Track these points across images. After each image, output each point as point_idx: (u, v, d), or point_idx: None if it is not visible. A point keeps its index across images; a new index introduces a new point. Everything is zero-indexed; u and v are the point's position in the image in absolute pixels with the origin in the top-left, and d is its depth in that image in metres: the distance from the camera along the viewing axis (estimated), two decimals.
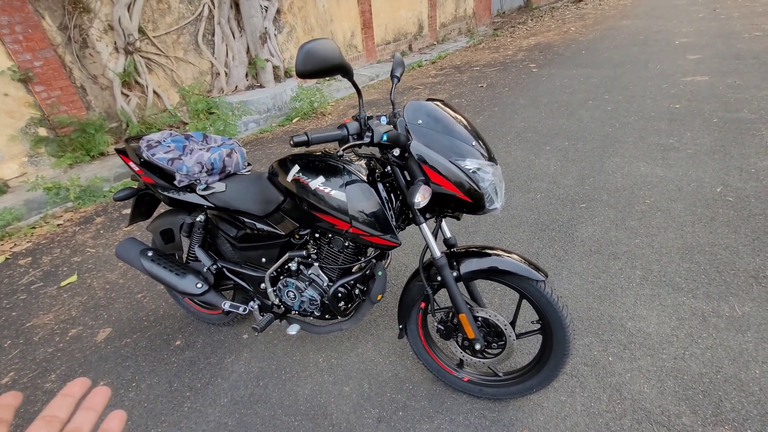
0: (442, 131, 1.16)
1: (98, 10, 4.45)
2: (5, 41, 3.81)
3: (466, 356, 1.44)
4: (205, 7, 5.38)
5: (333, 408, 1.57)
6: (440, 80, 6.65)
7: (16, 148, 4.05)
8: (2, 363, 1.96)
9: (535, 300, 1.28)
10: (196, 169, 1.47)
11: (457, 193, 1.15)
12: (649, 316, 1.78)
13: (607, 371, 1.57)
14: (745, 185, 2.62)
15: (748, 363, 1.53)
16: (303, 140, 1.07)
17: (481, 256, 1.31)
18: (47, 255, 2.89)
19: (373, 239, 1.29)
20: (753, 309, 1.75)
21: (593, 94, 4.86)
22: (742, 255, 2.06)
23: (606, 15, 11.03)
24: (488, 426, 1.44)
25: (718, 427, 1.34)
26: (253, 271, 1.61)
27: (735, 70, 4.91)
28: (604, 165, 3.14)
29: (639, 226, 2.38)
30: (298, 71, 0.94)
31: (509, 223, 2.60)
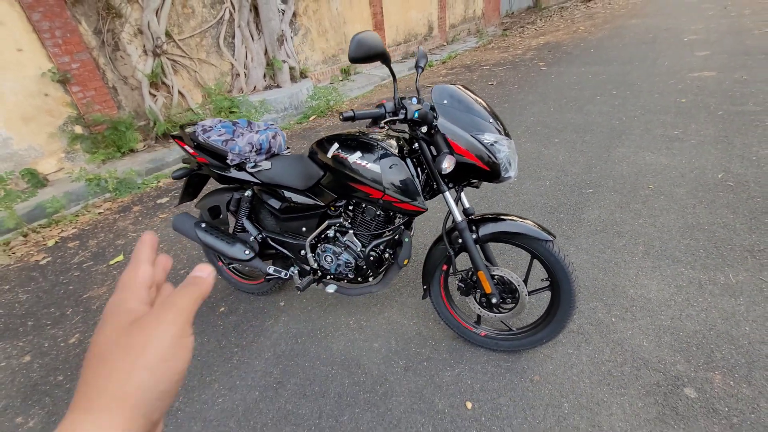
0: (464, 110, 1.37)
1: (129, 15, 4.74)
2: (47, 45, 4.10)
3: (483, 312, 1.63)
4: (226, 11, 5.66)
5: (365, 360, 1.77)
6: (451, 79, 6.84)
7: (54, 144, 4.34)
8: (68, 326, 2.21)
9: (545, 258, 1.47)
10: (247, 149, 1.69)
11: (477, 162, 1.35)
12: (649, 285, 1.96)
13: (610, 329, 1.75)
14: (746, 171, 2.77)
15: (739, 322, 1.70)
16: (350, 115, 1.29)
17: (497, 221, 1.50)
18: (93, 239, 3.15)
19: (403, 206, 1.49)
20: (746, 278, 1.91)
21: (601, 90, 5.01)
22: (739, 232, 2.22)
23: (615, 14, 11.11)
24: (503, 373, 1.63)
25: (709, 372, 1.52)
26: (294, 240, 1.82)
27: (743, 65, 5.02)
28: (610, 155, 3.31)
29: (642, 208, 2.55)
30: (350, 57, 1.16)
31: (521, 207, 2.78)
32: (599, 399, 1.48)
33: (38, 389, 1.84)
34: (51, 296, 2.48)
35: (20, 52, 3.90)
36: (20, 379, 1.91)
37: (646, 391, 1.49)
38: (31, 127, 4.07)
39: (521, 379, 1.60)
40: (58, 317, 2.29)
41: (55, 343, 2.10)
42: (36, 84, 4.04)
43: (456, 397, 1.57)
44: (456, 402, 1.55)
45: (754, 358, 1.54)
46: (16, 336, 2.19)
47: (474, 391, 1.58)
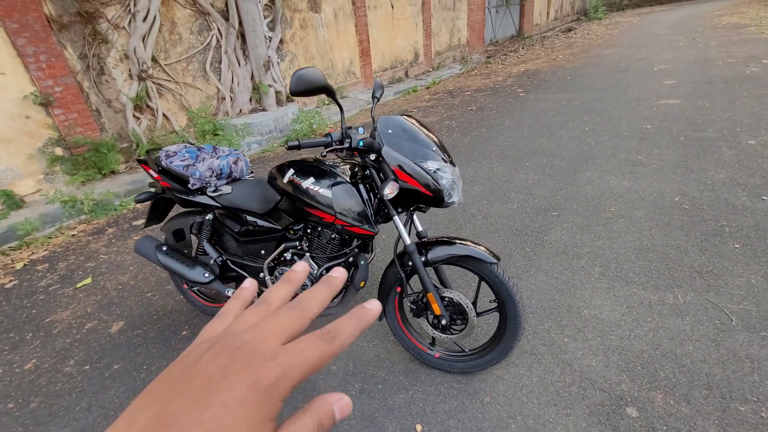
0: (409, 139, 1.44)
1: (115, 40, 4.86)
2: (30, 69, 4.17)
3: (436, 333, 1.66)
4: (213, 38, 5.82)
5: (321, 383, 1.78)
6: (433, 104, 7.06)
7: (33, 166, 4.35)
8: (25, 352, 2.18)
9: (490, 280, 1.52)
10: (207, 174, 1.75)
11: (420, 188, 1.42)
12: (603, 305, 2.01)
13: (561, 350, 1.79)
14: (700, 195, 2.89)
15: (683, 341, 1.75)
16: (295, 144, 1.35)
17: (445, 245, 1.56)
18: (63, 261, 3.13)
19: (354, 229, 1.55)
20: (693, 298, 1.98)
21: (573, 116, 5.21)
22: (691, 254, 2.30)
23: (593, 44, 11.64)
24: (455, 395, 1.65)
25: (651, 391, 1.56)
26: (253, 263, 1.85)
27: (706, 94, 5.28)
28: (576, 178, 3.43)
29: (602, 231, 2.64)
30: (291, 91, 1.23)
31: (487, 229, 2.85)
32: (545, 420, 1.51)
33: None
34: (12, 320, 2.45)
35: (2, 76, 3.96)
36: None
37: (590, 410, 1.52)
38: (10, 148, 4.09)
39: (472, 401, 1.62)
40: (17, 342, 2.26)
41: (11, 368, 2.07)
42: (17, 107, 4.09)
43: (407, 419, 1.58)
44: (406, 425, 1.56)
45: (695, 377, 1.59)
46: None
47: (425, 413, 1.60)
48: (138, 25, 4.90)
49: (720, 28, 10.68)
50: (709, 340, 1.74)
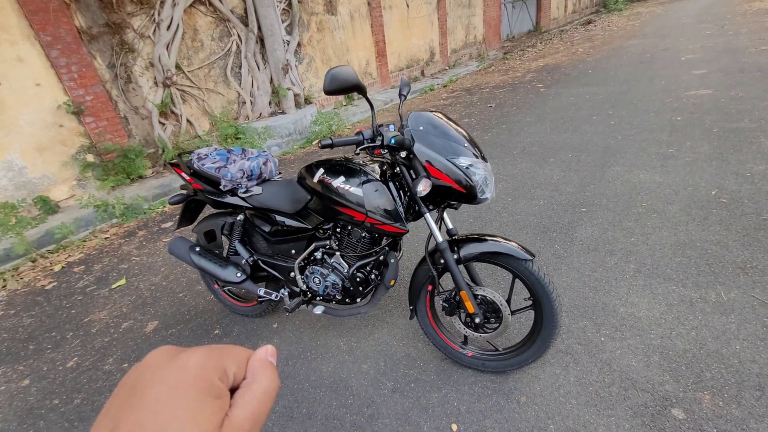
0: (440, 135, 1.43)
1: (141, 49, 5.01)
2: (63, 79, 4.34)
3: (468, 332, 1.64)
4: (233, 43, 5.94)
5: (353, 382, 1.78)
6: (451, 102, 7.00)
7: (67, 172, 4.53)
8: (67, 350, 2.26)
9: (525, 278, 1.49)
10: (238, 175, 1.77)
11: (453, 185, 1.40)
12: (640, 303, 1.95)
13: (599, 349, 1.74)
14: (739, 188, 2.77)
15: (729, 340, 1.68)
16: (328, 143, 1.36)
17: (478, 242, 1.54)
18: (98, 263, 3.24)
19: (385, 227, 1.54)
20: (738, 295, 1.89)
21: (597, 110, 5.08)
22: (732, 249, 2.20)
23: (614, 36, 11.33)
24: (490, 394, 1.62)
25: (698, 392, 1.49)
26: (284, 262, 1.87)
27: (738, 83, 5.06)
28: (604, 174, 3.33)
29: (635, 227, 2.55)
30: (325, 90, 1.24)
31: (514, 226, 2.80)
32: (586, 420, 1.46)
33: (34, 413, 1.88)
34: (53, 320, 2.55)
35: (38, 87, 4.13)
36: (17, 402, 1.96)
37: (633, 412, 1.47)
38: (46, 156, 4.27)
39: (507, 401, 1.59)
40: (58, 341, 2.35)
41: (54, 366, 2.15)
42: (52, 116, 4.26)
43: (442, 419, 1.56)
44: (441, 424, 1.54)
45: (744, 377, 1.51)
46: (17, 360, 2.25)
47: (460, 412, 1.57)
48: (162, 34, 5.04)
49: (750, 14, 10.22)
50: (758, 339, 1.66)
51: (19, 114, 4.03)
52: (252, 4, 5.83)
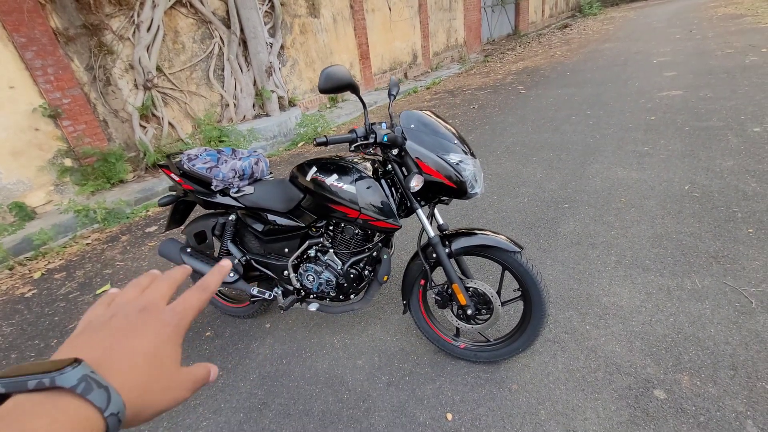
0: (430, 133, 1.47)
1: (120, 51, 4.91)
2: (38, 82, 4.21)
3: (460, 324, 1.69)
4: (215, 46, 5.88)
5: (348, 377, 1.80)
6: (435, 104, 7.10)
7: (44, 177, 4.39)
8: None
9: (514, 269, 1.55)
10: (230, 175, 1.78)
11: (444, 180, 1.45)
12: (621, 293, 2.04)
13: (584, 337, 1.81)
14: (710, 183, 2.92)
15: (704, 325, 1.78)
16: (323, 141, 1.39)
17: (468, 236, 1.59)
18: (80, 269, 3.16)
19: (378, 223, 1.57)
20: (711, 282, 2.00)
21: (576, 110, 5.25)
22: (705, 240, 2.33)
23: (590, 39, 11.70)
24: (483, 384, 1.67)
25: (677, 374, 1.58)
26: (277, 261, 1.88)
27: (707, 84, 5.32)
28: (585, 171, 3.46)
29: (615, 221, 2.66)
30: (320, 88, 1.27)
31: (500, 223, 2.88)
32: (574, 404, 1.53)
33: None
34: (35, 328, 2.48)
35: (12, 89, 4.00)
36: None
37: (618, 394, 1.54)
38: (21, 161, 4.13)
39: (500, 389, 1.64)
40: (42, 348, 2.29)
41: None
42: (27, 119, 4.13)
43: (437, 409, 1.60)
44: (437, 414, 1.58)
45: (719, 358, 1.61)
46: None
47: (454, 402, 1.62)
48: (142, 36, 4.96)
49: (716, 19, 10.73)
50: (731, 323, 1.76)
51: None
52: (234, 6, 5.79)
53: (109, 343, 0.31)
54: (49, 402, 0.25)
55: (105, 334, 0.32)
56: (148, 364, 0.31)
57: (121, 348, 0.31)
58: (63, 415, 0.25)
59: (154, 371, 0.31)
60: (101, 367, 0.29)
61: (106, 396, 0.27)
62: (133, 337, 0.32)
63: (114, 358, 0.30)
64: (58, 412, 0.25)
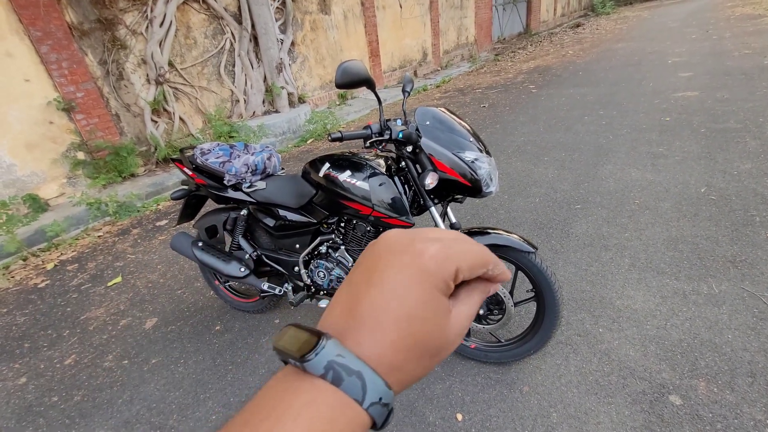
0: (445, 130, 1.46)
1: (133, 46, 4.95)
2: (53, 75, 4.26)
3: (472, 324, 1.67)
4: (227, 41, 5.90)
5: None
6: (445, 102, 7.05)
7: (57, 170, 4.45)
8: (64, 348, 2.23)
9: (528, 269, 1.52)
10: (243, 170, 1.78)
11: (459, 178, 1.43)
12: (635, 296, 2.00)
13: (597, 340, 1.79)
14: (727, 186, 2.86)
15: (722, 330, 1.74)
16: (338, 136, 1.38)
17: (482, 234, 1.57)
18: (92, 261, 3.20)
19: (391, 221, 1.56)
20: (729, 287, 1.96)
21: (589, 110, 5.18)
22: (722, 244, 2.28)
23: (602, 39, 11.54)
24: (493, 385, 1.66)
25: (693, 379, 1.55)
26: (288, 257, 1.88)
27: (724, 85, 5.21)
28: (597, 172, 3.41)
29: (628, 223, 2.62)
30: (336, 83, 1.25)
31: (511, 223, 2.85)
32: (587, 408, 1.51)
33: (33, 410, 1.85)
34: (48, 318, 2.51)
35: (27, 83, 4.05)
36: (15, 400, 1.93)
37: (632, 399, 1.51)
38: (35, 153, 4.19)
39: (511, 391, 1.62)
40: (54, 339, 2.32)
41: (51, 364, 2.12)
42: (41, 113, 4.19)
43: (447, 409, 1.59)
44: (447, 414, 1.57)
45: (737, 365, 1.57)
46: (12, 358, 2.21)
47: (465, 403, 1.60)
48: (155, 31, 4.98)
49: (733, 19, 10.52)
50: (749, 329, 1.72)
51: (8, 110, 3.95)
52: (246, 2, 5.80)
53: (354, 302, 0.26)
54: (308, 381, 0.23)
55: (350, 289, 0.27)
56: (407, 324, 0.25)
57: (366, 307, 0.25)
58: (322, 401, 0.22)
59: (418, 330, 0.25)
60: (349, 339, 0.24)
61: (360, 384, 0.23)
62: (379, 291, 0.25)
63: (361, 322, 0.25)
64: (319, 395, 0.23)
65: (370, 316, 0.25)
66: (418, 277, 0.26)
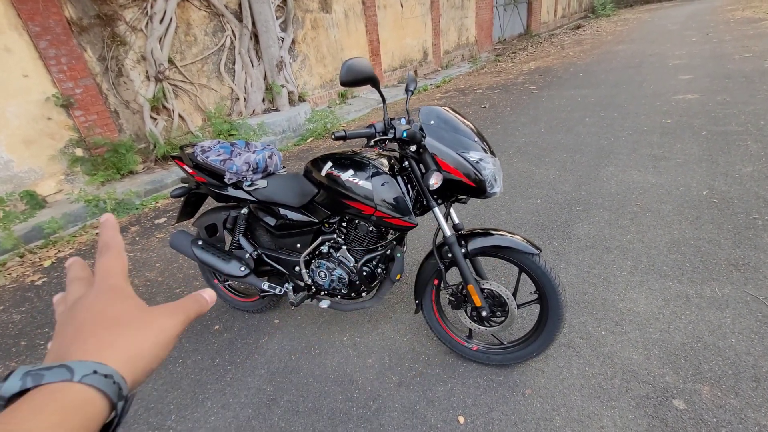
0: (450, 130, 1.44)
1: (133, 42, 4.91)
2: (52, 71, 4.22)
3: (474, 325, 1.66)
4: (227, 39, 5.87)
5: (358, 376, 1.78)
6: (445, 102, 7.04)
7: (55, 166, 4.41)
8: None
9: (532, 271, 1.51)
10: (244, 168, 1.76)
11: (463, 179, 1.42)
12: (638, 299, 1.99)
13: (600, 343, 1.77)
14: (729, 188, 2.85)
15: (725, 334, 1.73)
16: (341, 135, 1.36)
17: (486, 236, 1.55)
18: (89, 259, 3.17)
19: (394, 221, 1.54)
20: (732, 291, 1.95)
21: (590, 112, 5.17)
22: (724, 247, 2.27)
23: (603, 40, 11.55)
24: (495, 387, 1.64)
25: (697, 383, 1.54)
26: (289, 256, 1.86)
27: (724, 88, 5.21)
28: (599, 173, 3.40)
29: (630, 225, 2.61)
30: (341, 80, 1.24)
31: (512, 224, 2.84)
32: (590, 412, 1.49)
33: None
34: (45, 316, 2.48)
35: (26, 78, 4.02)
36: None
37: (636, 403, 1.50)
38: (33, 150, 4.15)
39: (513, 393, 1.61)
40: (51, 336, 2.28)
41: None
42: (39, 108, 4.15)
43: (448, 411, 1.57)
44: (448, 417, 1.55)
45: (741, 369, 1.56)
46: (8, 356, 2.18)
47: (466, 405, 1.59)
48: (155, 27, 4.95)
49: (733, 22, 10.54)
50: (752, 333, 1.71)
51: (6, 105, 3.91)
52: (247, 0, 5.77)
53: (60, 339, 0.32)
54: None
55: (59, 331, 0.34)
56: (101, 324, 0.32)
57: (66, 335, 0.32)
58: (31, 403, 0.25)
59: (110, 324, 0.32)
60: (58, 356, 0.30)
61: (65, 369, 0.26)
62: (71, 320, 0.33)
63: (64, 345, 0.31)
64: (25, 402, 0.25)
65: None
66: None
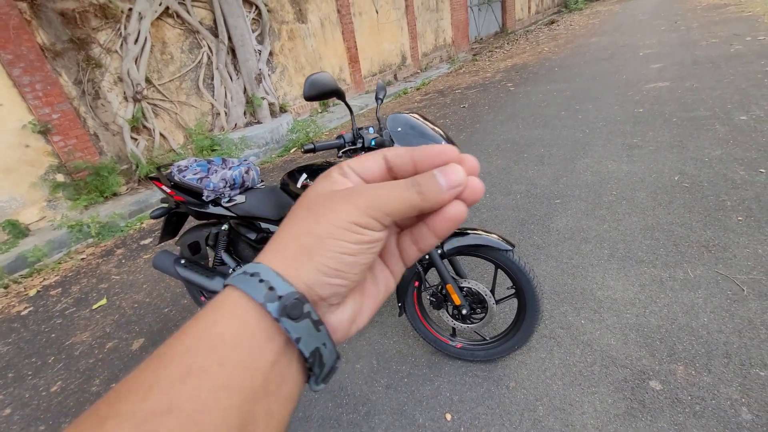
0: (417, 135, 1.49)
1: (109, 64, 4.90)
2: (27, 98, 4.19)
3: (456, 324, 1.70)
4: (204, 55, 5.88)
5: (347, 381, 1.81)
6: (425, 104, 7.12)
7: (36, 194, 4.37)
8: (49, 375, 2.19)
9: (507, 267, 1.56)
10: (221, 185, 1.78)
11: None
12: (615, 286, 2.06)
13: (579, 331, 1.83)
14: (699, 173, 2.95)
15: (698, 314, 1.79)
16: (311, 147, 1.39)
17: (460, 236, 1.60)
18: (76, 285, 3.15)
19: None
20: (703, 272, 2.03)
21: (566, 105, 5.28)
22: (696, 229, 2.35)
23: (576, 34, 11.78)
24: (481, 383, 1.68)
25: (672, 364, 1.60)
26: None
27: (693, 74, 5.37)
28: (575, 166, 3.48)
29: (606, 214, 2.68)
30: (305, 96, 1.27)
31: (494, 221, 2.89)
32: (572, 399, 1.54)
33: None
34: (32, 346, 2.47)
35: (0, 107, 3.98)
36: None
37: (614, 387, 1.55)
38: (12, 178, 4.11)
39: (498, 387, 1.65)
40: (39, 366, 2.28)
41: (37, 392, 2.08)
42: (16, 136, 4.11)
43: (436, 410, 1.61)
44: (436, 415, 1.59)
45: (713, 347, 1.63)
46: None
47: (453, 402, 1.63)
48: (130, 48, 4.94)
49: (700, 9, 10.84)
50: (723, 311, 1.78)
51: None
52: (221, 15, 5.79)
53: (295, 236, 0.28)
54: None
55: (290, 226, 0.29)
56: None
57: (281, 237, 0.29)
58: (222, 303, 0.25)
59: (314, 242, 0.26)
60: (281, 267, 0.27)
61: (264, 284, 0.25)
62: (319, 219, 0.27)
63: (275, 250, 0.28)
64: (222, 300, 0.25)
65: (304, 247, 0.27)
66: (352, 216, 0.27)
